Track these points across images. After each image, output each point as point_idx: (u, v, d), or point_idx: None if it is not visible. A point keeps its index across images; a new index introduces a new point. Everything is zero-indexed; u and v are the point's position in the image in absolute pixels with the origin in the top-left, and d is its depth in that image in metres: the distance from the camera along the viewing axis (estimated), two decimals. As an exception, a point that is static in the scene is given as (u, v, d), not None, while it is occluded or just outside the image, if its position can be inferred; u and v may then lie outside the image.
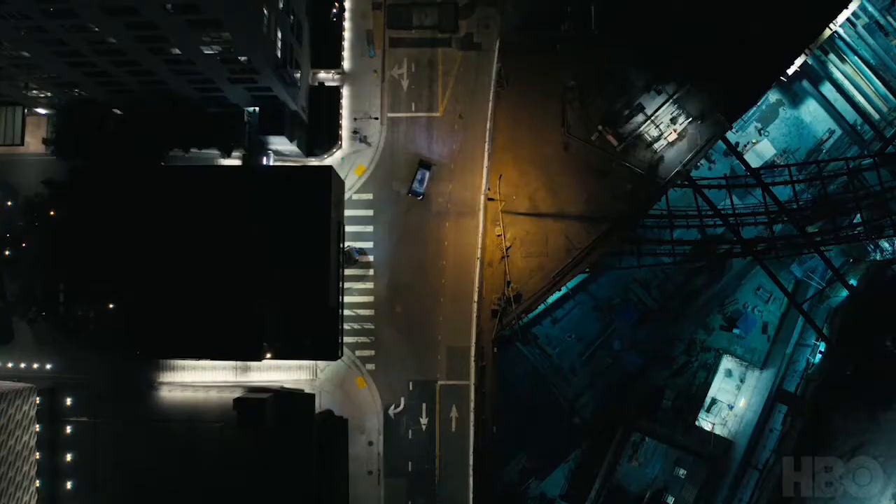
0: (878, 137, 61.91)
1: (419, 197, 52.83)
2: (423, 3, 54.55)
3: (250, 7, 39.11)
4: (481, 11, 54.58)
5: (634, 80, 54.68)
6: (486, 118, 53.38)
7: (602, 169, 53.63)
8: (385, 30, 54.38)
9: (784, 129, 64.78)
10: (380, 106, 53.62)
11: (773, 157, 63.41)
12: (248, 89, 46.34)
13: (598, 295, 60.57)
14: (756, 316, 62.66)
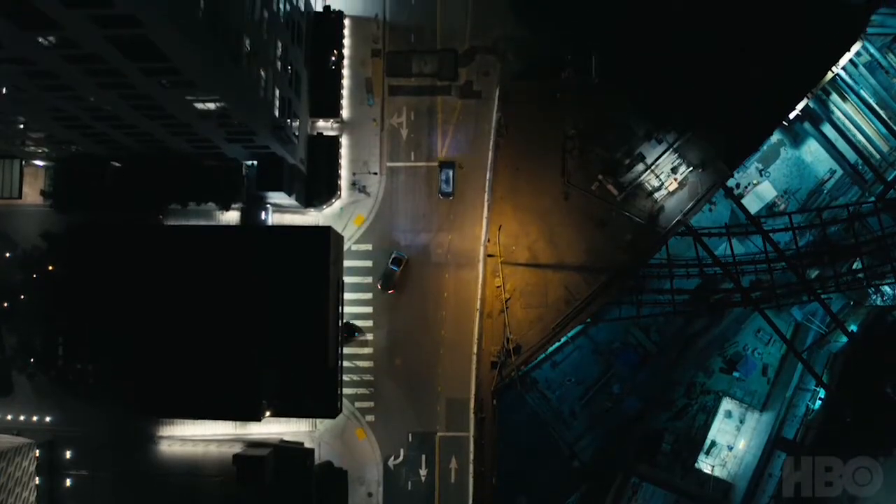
0: (879, 180, 61.60)
1: (449, 197, 52.73)
2: (422, 50, 54.32)
3: (247, 79, 38.88)
4: (481, 59, 54.37)
5: (635, 128, 54.40)
6: (486, 168, 53.22)
7: (602, 219, 53.36)
8: (384, 77, 54.14)
9: (785, 170, 64.50)
10: (379, 155, 53.45)
11: (774, 199, 63.15)
12: (245, 147, 46.18)
13: (598, 339, 60.40)
14: (756, 358, 62.56)
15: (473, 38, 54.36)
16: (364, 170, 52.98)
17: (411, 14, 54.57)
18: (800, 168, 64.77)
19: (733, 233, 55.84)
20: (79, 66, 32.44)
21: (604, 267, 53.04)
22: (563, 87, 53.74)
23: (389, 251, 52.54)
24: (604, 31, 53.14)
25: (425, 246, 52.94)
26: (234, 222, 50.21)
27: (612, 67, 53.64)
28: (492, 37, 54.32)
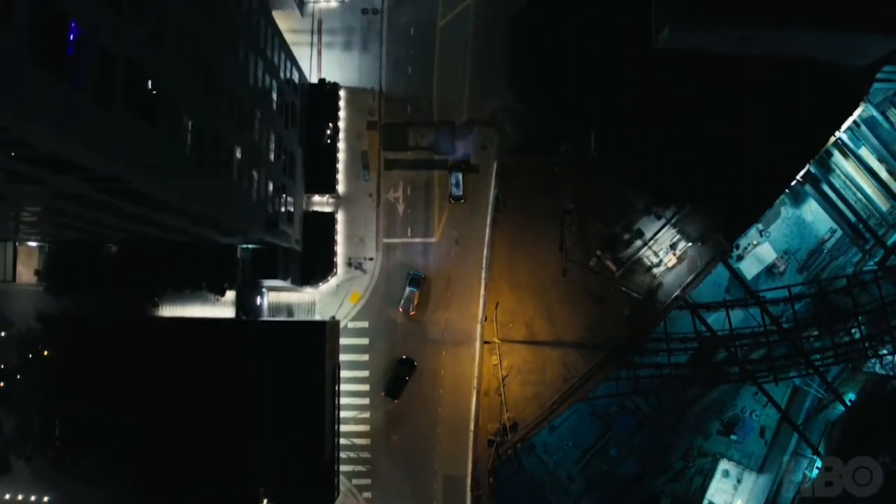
0: (879, 244, 60.99)
1: (460, 200, 52.34)
2: (418, 122, 53.66)
3: (237, 188, 38.28)
4: (478, 132, 53.70)
5: (634, 201, 53.89)
6: (484, 244, 52.78)
7: (600, 295, 53.07)
8: (380, 151, 53.51)
9: (785, 230, 63.93)
10: (375, 231, 53.01)
11: (774, 260, 62.73)
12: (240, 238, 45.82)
13: (596, 403, 60.24)
14: (754, 420, 62.54)
15: (471, 111, 53.69)
16: (360, 246, 52.61)
17: (408, 85, 53.83)
18: (800, 228, 64.27)
19: (731, 305, 55.60)
20: (66, 200, 32.03)
21: (602, 343, 52.88)
22: (562, 161, 53.15)
23: (384, 328, 52.43)
24: (602, 105, 52.44)
25: (423, 324, 52.73)
26: (230, 304, 49.98)
27: (611, 141, 53.06)
28: (489, 109, 53.65)
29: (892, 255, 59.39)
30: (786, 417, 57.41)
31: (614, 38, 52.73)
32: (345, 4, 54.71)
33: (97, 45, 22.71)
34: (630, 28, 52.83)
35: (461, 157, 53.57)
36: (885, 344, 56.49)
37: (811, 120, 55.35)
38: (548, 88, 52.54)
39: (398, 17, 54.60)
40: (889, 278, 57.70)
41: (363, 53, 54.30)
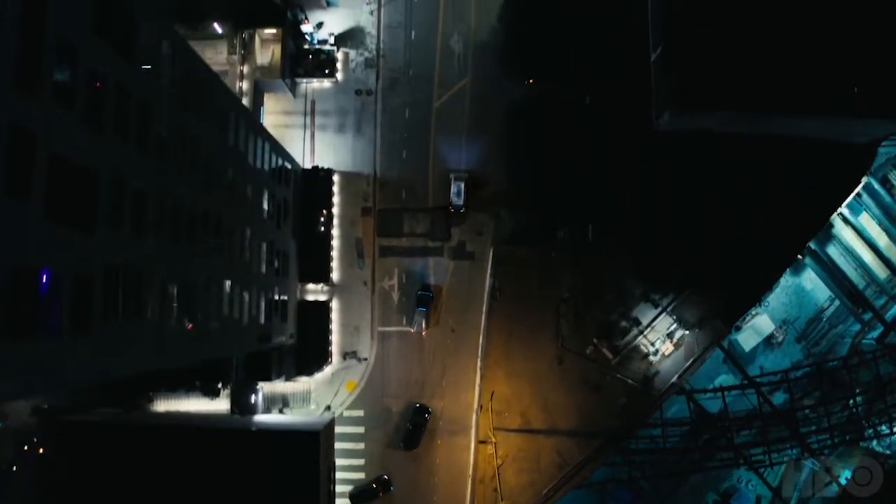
0: (877, 319, 60.49)
1: (461, 210, 51.99)
2: (413, 209, 52.95)
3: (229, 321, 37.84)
4: (474, 219, 52.98)
5: (631, 288, 53.32)
6: (479, 332, 52.39)
7: (596, 382, 52.72)
8: (375, 237, 52.87)
9: (784, 298, 63.42)
10: (370, 320, 52.57)
11: (773, 331, 62.36)
12: (234, 344, 45.55)
13: (592, 476, 60.45)
14: (750, 490, 62.60)
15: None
16: (355, 335, 52.24)
17: (403, 169, 53.03)
18: (799, 296, 63.77)
19: (728, 389, 55.32)
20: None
21: (597, 431, 52.78)
22: (559, 247, 52.57)
23: (380, 417, 52.27)
24: (599, 189, 51.68)
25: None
26: (225, 397, 49.78)
27: (608, 227, 52.43)
28: (485, 194, 52.94)
29: (892, 332, 58.84)
30: (776, 495, 57.46)
31: (612, 120, 51.97)
32: (338, 85, 53.76)
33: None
34: (628, 109, 52.00)
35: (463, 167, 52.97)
36: (883, 423, 56.22)
37: (811, 196, 54.67)
38: (544, 174, 51.75)
39: (393, 98, 53.64)
40: (888, 356, 57.26)
41: (357, 136, 53.43)
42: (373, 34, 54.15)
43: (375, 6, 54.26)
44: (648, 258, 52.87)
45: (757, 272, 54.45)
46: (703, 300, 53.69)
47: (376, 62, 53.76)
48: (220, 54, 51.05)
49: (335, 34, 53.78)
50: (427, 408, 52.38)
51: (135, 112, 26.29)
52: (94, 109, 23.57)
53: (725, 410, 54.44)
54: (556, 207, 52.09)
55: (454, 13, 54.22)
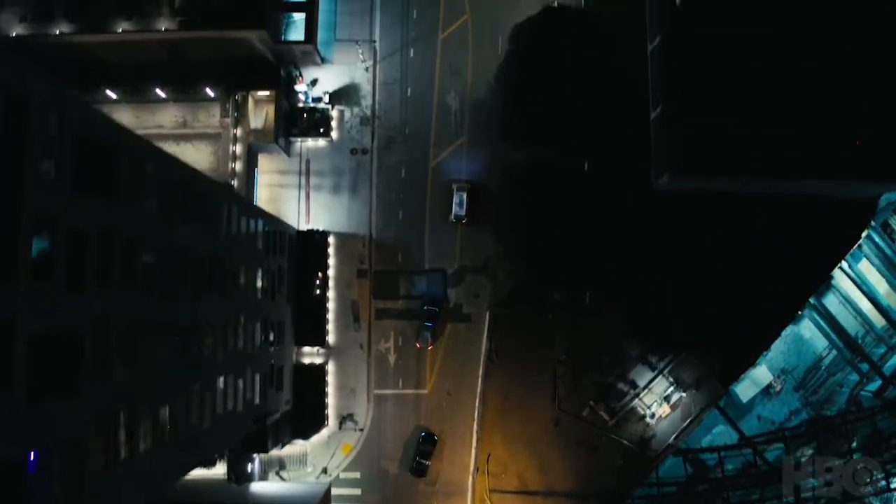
0: (876, 372, 60.16)
1: (462, 220, 51.83)
2: (410, 271, 52.54)
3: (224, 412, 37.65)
4: (471, 280, 52.63)
5: (628, 349, 53.11)
6: (476, 395, 52.23)
7: (593, 444, 52.70)
8: (371, 300, 52.55)
9: (783, 347, 62.84)
10: (366, 383, 52.39)
11: (771, 381, 62.11)
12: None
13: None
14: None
15: (463, 258, 52.57)
16: (351, 398, 52.10)
17: (398, 230, 52.60)
18: (798, 345, 63.29)
19: (725, 449, 55.22)
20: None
21: (593, 492, 52.84)
22: (556, 310, 52.24)
23: (376, 479, 52.30)
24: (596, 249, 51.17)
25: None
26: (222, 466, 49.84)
27: (605, 289, 52.03)
28: (482, 256, 52.48)
29: (891, 386, 58.57)
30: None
31: (610, 181, 51.38)
32: (333, 144, 53.17)
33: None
34: (626, 168, 51.39)
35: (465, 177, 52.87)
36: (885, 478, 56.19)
37: (810, 251, 54.23)
38: (541, 236, 51.19)
39: (389, 157, 53.07)
40: (887, 411, 57.03)
41: (353, 197, 52.93)
42: (368, 91, 53.46)
43: (371, 63, 53.54)
44: (646, 319, 52.52)
45: (755, 330, 54.30)
46: (700, 361, 53.60)
47: (372, 120, 53.14)
48: (212, 117, 50.52)
49: (330, 92, 53.13)
50: (433, 435, 51.94)
51: (120, 251, 25.84)
52: (76, 270, 23.16)
53: (721, 468, 54.54)
54: (553, 270, 51.61)
55: (450, 69, 53.52)
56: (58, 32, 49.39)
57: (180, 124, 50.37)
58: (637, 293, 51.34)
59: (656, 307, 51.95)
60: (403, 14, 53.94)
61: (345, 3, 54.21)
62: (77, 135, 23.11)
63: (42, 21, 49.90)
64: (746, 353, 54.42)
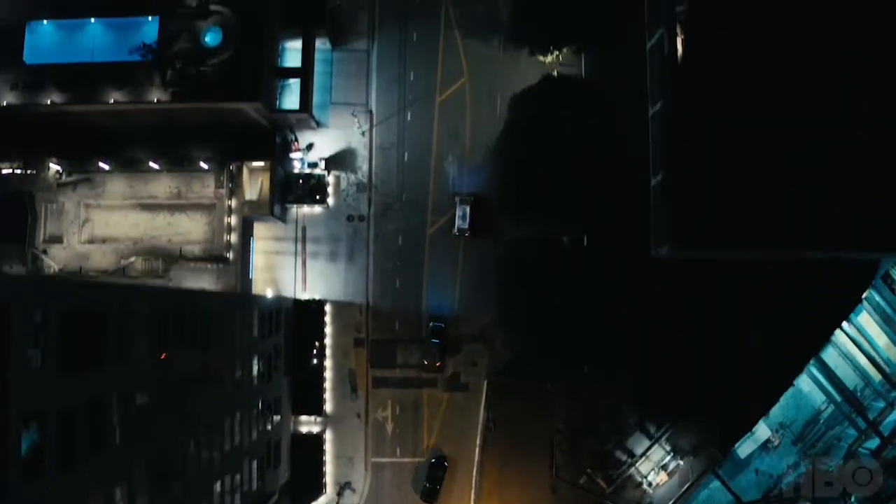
0: (873, 430, 60.06)
1: (465, 233, 51.70)
2: (407, 339, 52.18)
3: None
4: (468, 349, 52.34)
5: (627, 417, 52.98)
6: (473, 464, 52.16)
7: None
8: (368, 368, 52.26)
9: (782, 401, 62.65)
10: (364, 451, 52.27)
11: (769, 436, 62.08)
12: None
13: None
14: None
15: (460, 326, 52.17)
16: (349, 466, 52.06)
17: (395, 299, 52.17)
18: (797, 398, 63.09)
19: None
20: None
21: (590, 559, 53.08)
22: (554, 379, 51.95)
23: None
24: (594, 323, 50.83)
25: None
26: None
27: (604, 358, 51.73)
28: (479, 324, 52.12)
29: (889, 445, 58.46)
30: None
31: (608, 252, 50.88)
32: (329, 211, 52.56)
33: None
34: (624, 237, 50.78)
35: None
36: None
37: (810, 313, 53.89)
38: (539, 306, 50.79)
39: (385, 224, 52.50)
40: (888, 471, 56.97)
41: (349, 265, 52.46)
42: (365, 156, 52.78)
43: (367, 127, 52.73)
44: (645, 386, 52.39)
45: (753, 395, 54.15)
46: (698, 427, 53.51)
47: (369, 187, 52.47)
48: (207, 188, 49.88)
49: (326, 158, 52.43)
50: (444, 459, 51.68)
51: (110, 411, 25.56)
52: (66, 448, 22.85)
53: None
54: (551, 339, 51.33)
55: (448, 132, 52.75)
56: (49, 102, 48.88)
57: (174, 195, 49.72)
58: (636, 360, 51.12)
59: (655, 374, 51.79)
60: (400, 76, 53.07)
61: (340, 64, 53.36)
62: (63, 313, 22.69)
63: (33, 90, 49.29)
64: (745, 418, 54.36)
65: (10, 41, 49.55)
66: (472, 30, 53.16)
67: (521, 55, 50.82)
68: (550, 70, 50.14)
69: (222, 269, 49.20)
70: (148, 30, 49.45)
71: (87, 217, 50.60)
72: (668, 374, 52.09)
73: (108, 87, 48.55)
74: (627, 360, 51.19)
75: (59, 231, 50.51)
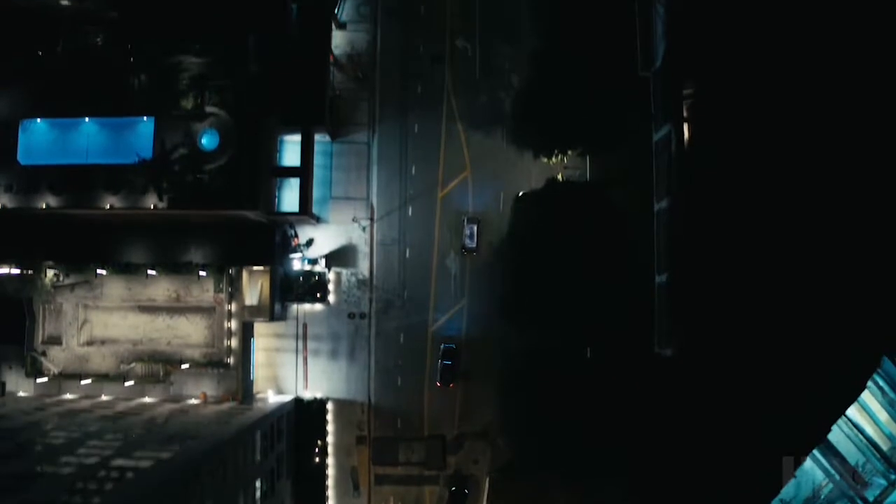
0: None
1: (473, 252, 51.73)
2: (409, 437, 52.02)
3: None
4: (470, 446, 52.25)
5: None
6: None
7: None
8: (370, 466, 52.19)
9: (782, 478, 63.18)
10: (367, 555, 52.54)
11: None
12: None
13: None
14: None
15: (462, 424, 52.01)
16: (351, 562, 52.55)
17: (397, 397, 51.90)
18: (797, 475, 63.13)
19: None
20: None
21: None
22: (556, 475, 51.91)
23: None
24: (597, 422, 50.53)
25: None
26: None
27: (607, 457, 51.61)
28: (481, 422, 51.92)
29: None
30: None
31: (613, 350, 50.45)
32: (330, 308, 52.00)
33: None
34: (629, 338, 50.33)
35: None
36: None
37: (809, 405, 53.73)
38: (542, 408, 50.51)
39: (387, 322, 52.00)
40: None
41: (351, 362, 52.07)
42: (366, 252, 52.08)
43: (367, 223, 51.92)
44: (647, 483, 52.41)
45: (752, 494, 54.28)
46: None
47: (370, 284, 51.86)
48: (206, 292, 49.29)
49: (326, 254, 51.72)
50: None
51: None
52: None
53: None
54: (553, 437, 51.18)
55: (450, 229, 51.92)
56: (44, 206, 48.06)
57: (173, 298, 49.15)
58: (639, 459, 51.03)
59: (657, 470, 51.75)
60: (401, 169, 52.13)
61: (340, 156, 52.38)
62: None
63: (28, 192, 48.40)
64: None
65: (4, 139, 48.69)
66: (474, 122, 52.19)
67: (525, 153, 49.83)
68: (555, 173, 49.24)
69: (223, 374, 48.91)
70: (143, 130, 48.46)
71: (85, 318, 50.13)
72: (672, 474, 52.21)
73: (103, 192, 47.70)
74: (631, 458, 51.09)
75: (58, 331, 50.12)
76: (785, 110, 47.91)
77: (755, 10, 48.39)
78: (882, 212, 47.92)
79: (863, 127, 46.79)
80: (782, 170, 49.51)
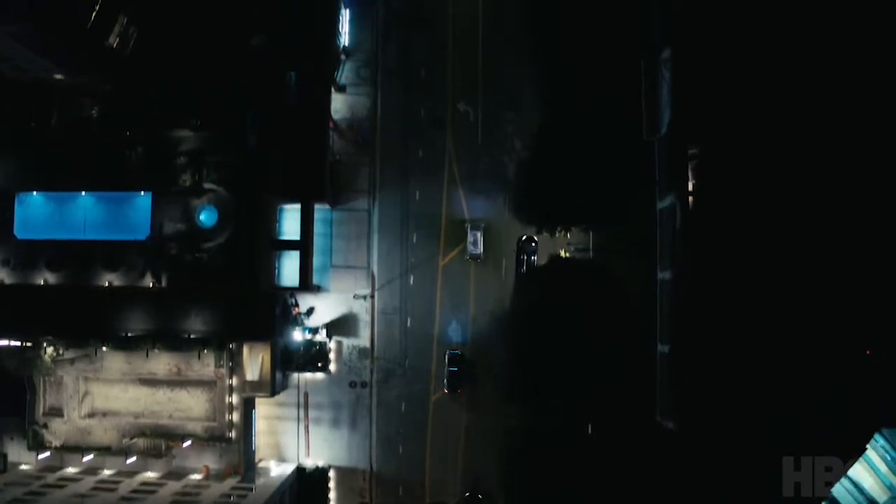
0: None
1: (478, 259, 51.57)
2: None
3: None
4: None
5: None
6: None
7: None
8: (372, 542, 52.54)
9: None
10: None
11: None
12: None
13: None
14: None
15: (463, 489, 52.12)
16: None
17: (399, 465, 51.96)
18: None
19: None
20: None
21: None
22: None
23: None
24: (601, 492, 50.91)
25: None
26: None
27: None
28: (483, 487, 52.06)
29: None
30: None
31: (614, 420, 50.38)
32: (331, 377, 51.80)
33: None
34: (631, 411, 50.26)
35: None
36: None
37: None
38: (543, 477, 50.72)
39: (388, 391, 51.84)
40: None
41: (352, 431, 52.03)
42: (367, 321, 51.67)
43: (368, 292, 51.47)
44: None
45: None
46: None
47: (371, 353, 51.59)
48: (207, 367, 48.98)
49: (327, 323, 51.37)
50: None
51: None
52: None
53: None
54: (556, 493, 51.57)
55: (451, 299, 51.50)
56: (42, 282, 47.67)
57: (174, 372, 48.91)
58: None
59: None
60: (402, 237, 51.52)
61: (340, 224, 51.69)
62: None
63: (25, 268, 48.02)
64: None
65: (0, 212, 48.29)
66: (476, 187, 51.41)
67: (527, 227, 49.28)
68: (558, 249, 48.71)
69: (225, 448, 48.97)
70: (140, 205, 48.06)
71: (86, 390, 49.97)
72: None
73: (102, 270, 47.37)
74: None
75: (59, 403, 49.99)
76: (793, 181, 47.41)
77: (764, 78, 47.61)
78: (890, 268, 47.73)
79: (871, 189, 46.36)
80: (785, 243, 49.16)
